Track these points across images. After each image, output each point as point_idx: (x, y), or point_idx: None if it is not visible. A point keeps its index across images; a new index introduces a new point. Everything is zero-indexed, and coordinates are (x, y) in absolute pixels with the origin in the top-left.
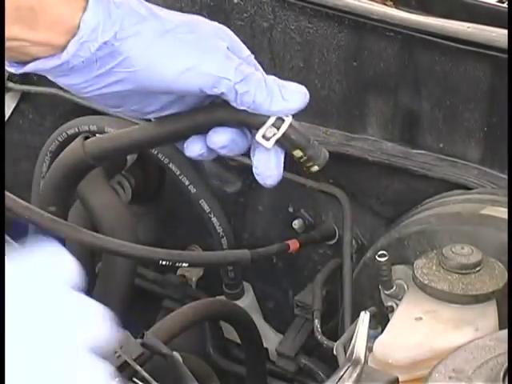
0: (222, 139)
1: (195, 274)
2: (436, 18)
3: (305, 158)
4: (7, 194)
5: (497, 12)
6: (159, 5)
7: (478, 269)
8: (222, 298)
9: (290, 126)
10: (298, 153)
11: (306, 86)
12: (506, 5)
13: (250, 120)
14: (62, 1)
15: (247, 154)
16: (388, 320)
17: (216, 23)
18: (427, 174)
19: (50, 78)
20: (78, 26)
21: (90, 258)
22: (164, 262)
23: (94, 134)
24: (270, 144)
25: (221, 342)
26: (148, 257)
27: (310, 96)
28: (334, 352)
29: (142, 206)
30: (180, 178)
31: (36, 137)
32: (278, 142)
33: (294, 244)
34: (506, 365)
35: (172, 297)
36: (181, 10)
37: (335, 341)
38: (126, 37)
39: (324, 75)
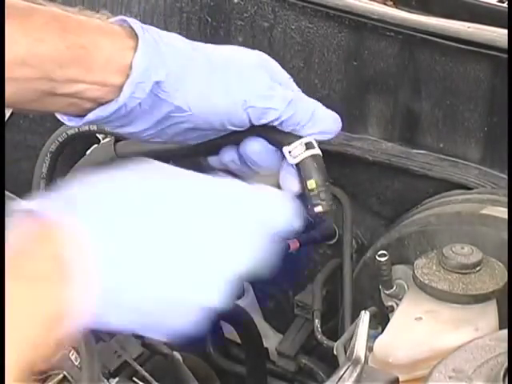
0: (256, 147)
1: None
2: (436, 17)
3: (315, 192)
4: (8, 194)
5: (497, 12)
6: (159, 5)
7: (478, 269)
8: None
9: (317, 156)
10: (311, 184)
11: (306, 86)
12: (506, 5)
13: (282, 138)
14: (111, 40)
15: None
16: (388, 320)
17: (256, 52)
18: (427, 173)
19: (109, 129)
20: (130, 67)
21: None
22: None
23: (94, 134)
24: (295, 160)
25: (221, 341)
26: None
27: (311, 96)
28: (334, 352)
29: None
30: None
31: (36, 137)
32: (301, 163)
33: (294, 244)
34: (506, 364)
35: None
36: (181, 10)
37: (335, 341)
38: (176, 78)
39: (324, 75)
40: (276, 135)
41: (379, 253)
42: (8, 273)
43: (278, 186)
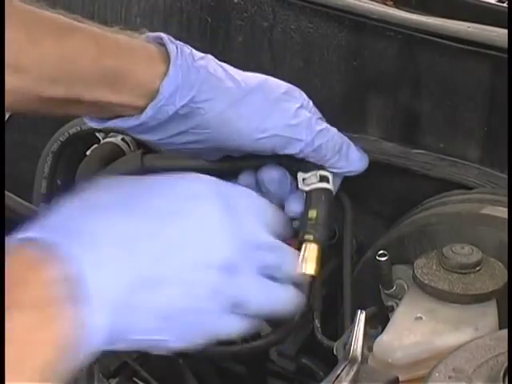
0: (274, 174)
1: None
2: (436, 17)
3: (313, 222)
4: (8, 194)
5: (497, 12)
6: (159, 4)
7: (478, 268)
8: None
9: (328, 191)
10: (312, 213)
11: (306, 86)
12: (506, 4)
13: (300, 166)
14: (145, 64)
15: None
16: (388, 320)
17: (288, 84)
18: (427, 173)
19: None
20: (158, 91)
21: None
22: None
23: (95, 132)
24: (306, 188)
25: (221, 341)
26: None
27: (311, 96)
28: (334, 352)
29: None
30: None
31: (37, 136)
32: (310, 192)
33: (294, 244)
34: (506, 364)
35: None
36: (181, 10)
37: (335, 340)
38: (202, 100)
39: (324, 75)
40: (296, 164)
41: (379, 253)
42: (10, 303)
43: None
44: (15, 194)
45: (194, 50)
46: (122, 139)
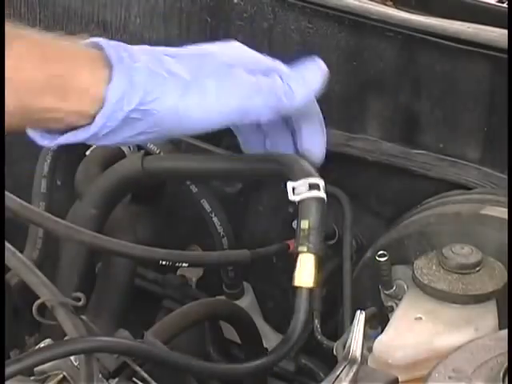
0: None
1: (195, 274)
2: (436, 17)
3: (305, 233)
4: (8, 194)
5: (497, 12)
6: (159, 5)
7: (477, 269)
8: (222, 297)
9: (319, 199)
10: (305, 224)
11: None
12: (506, 5)
13: (290, 173)
14: (88, 69)
15: None
16: (388, 320)
17: (226, 44)
18: (427, 174)
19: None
20: (104, 98)
21: (89, 258)
22: (164, 262)
23: None
24: (297, 198)
25: (221, 342)
26: (148, 257)
27: None
28: (334, 352)
29: (141, 205)
30: None
31: None
32: (301, 201)
33: (293, 244)
34: (506, 365)
35: (172, 297)
36: (180, 10)
37: (335, 341)
38: (150, 100)
39: None
40: (284, 171)
41: (379, 253)
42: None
43: None
44: (15, 193)
45: (133, 48)
46: None
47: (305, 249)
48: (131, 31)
